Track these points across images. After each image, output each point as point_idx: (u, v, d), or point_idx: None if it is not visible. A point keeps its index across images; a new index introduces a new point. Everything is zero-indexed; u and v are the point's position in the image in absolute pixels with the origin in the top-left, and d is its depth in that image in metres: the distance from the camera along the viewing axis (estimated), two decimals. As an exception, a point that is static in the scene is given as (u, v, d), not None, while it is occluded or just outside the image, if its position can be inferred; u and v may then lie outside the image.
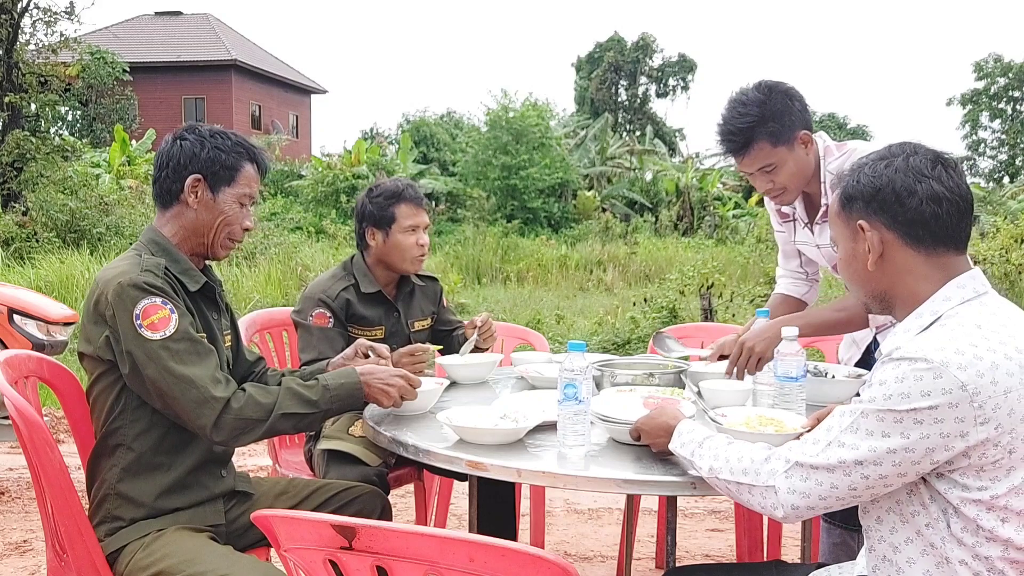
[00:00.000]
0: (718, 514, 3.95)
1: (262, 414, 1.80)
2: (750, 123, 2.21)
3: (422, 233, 2.70)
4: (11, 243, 11.95)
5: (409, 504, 3.62)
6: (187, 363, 1.76)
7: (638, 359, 2.70)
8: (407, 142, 23.14)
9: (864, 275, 1.46)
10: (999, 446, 1.27)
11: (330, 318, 2.59)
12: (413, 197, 2.69)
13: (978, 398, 1.25)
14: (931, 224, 1.39)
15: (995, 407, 1.26)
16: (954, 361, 1.26)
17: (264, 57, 31.41)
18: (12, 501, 4.04)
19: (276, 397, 1.83)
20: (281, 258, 11.94)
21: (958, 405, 1.25)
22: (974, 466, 1.29)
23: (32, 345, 4.54)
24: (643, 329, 7.82)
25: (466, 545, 1.13)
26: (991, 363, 1.27)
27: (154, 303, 1.77)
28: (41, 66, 15.01)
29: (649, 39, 39.74)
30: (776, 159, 2.25)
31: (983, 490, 1.29)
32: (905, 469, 1.30)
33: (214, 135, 1.93)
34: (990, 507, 1.29)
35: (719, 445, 1.52)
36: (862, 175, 1.44)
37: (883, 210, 1.41)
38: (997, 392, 1.26)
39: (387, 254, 2.68)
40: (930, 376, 1.26)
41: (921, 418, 1.27)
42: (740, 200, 23.80)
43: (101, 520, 1.84)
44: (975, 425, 1.26)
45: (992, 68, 37.94)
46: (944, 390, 1.25)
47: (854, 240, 1.46)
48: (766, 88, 2.24)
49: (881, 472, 1.31)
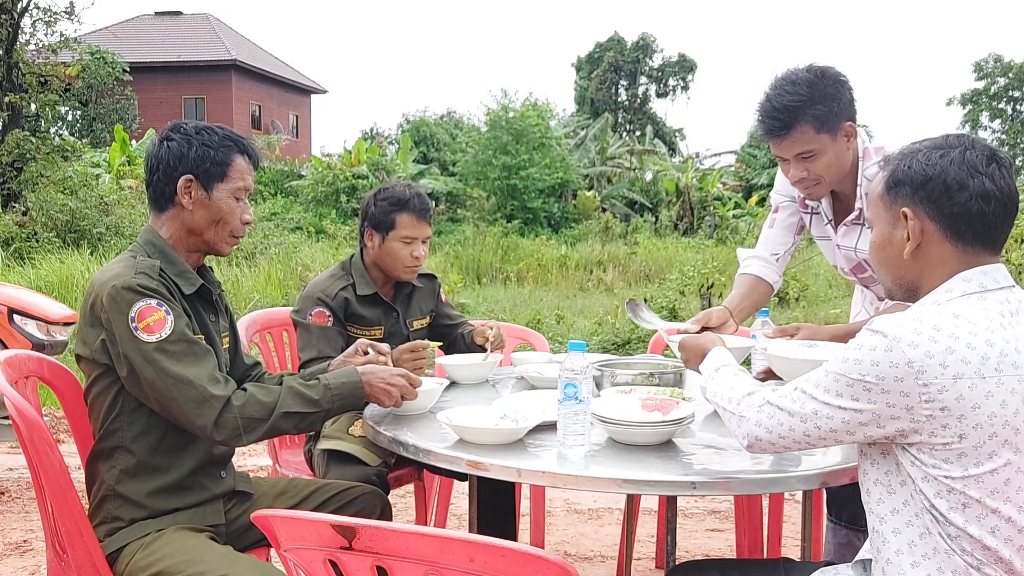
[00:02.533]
0: (718, 514, 3.95)
1: (264, 413, 1.80)
2: (797, 102, 2.10)
3: (419, 245, 2.66)
4: (11, 243, 11.95)
5: (409, 504, 3.63)
6: (184, 364, 1.75)
7: (638, 359, 2.69)
8: (407, 142, 23.13)
9: (896, 262, 1.46)
10: (948, 428, 1.30)
11: (329, 317, 2.58)
12: (417, 208, 2.64)
13: (923, 376, 1.30)
14: (976, 221, 1.38)
15: (941, 388, 1.29)
16: (906, 338, 1.31)
17: (264, 57, 31.40)
18: (12, 501, 4.04)
19: (278, 396, 1.83)
20: (281, 258, 11.94)
21: (903, 380, 1.31)
22: (927, 444, 1.33)
23: (32, 345, 4.54)
24: (643, 329, 7.81)
25: (466, 545, 1.13)
26: (946, 347, 1.30)
27: (149, 305, 1.76)
28: (41, 66, 15.01)
29: (649, 39, 39.71)
30: (817, 146, 2.15)
31: (937, 468, 1.33)
32: (853, 428, 1.38)
33: (200, 132, 1.91)
34: (950, 489, 1.33)
35: (726, 375, 1.65)
36: (915, 161, 1.42)
37: (930, 200, 1.39)
38: (945, 375, 1.29)
39: (381, 258, 2.67)
40: (882, 348, 1.32)
41: (869, 386, 1.34)
42: (740, 200, 23.80)
43: (101, 520, 1.84)
44: (920, 401, 1.31)
45: (992, 68, 37.92)
46: (891, 363, 1.31)
47: (893, 225, 1.45)
48: (818, 71, 2.14)
49: (831, 427, 1.40)
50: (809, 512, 2.29)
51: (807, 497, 2.29)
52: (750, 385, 1.59)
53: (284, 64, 32.60)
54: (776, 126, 2.14)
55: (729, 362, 1.71)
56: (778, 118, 2.13)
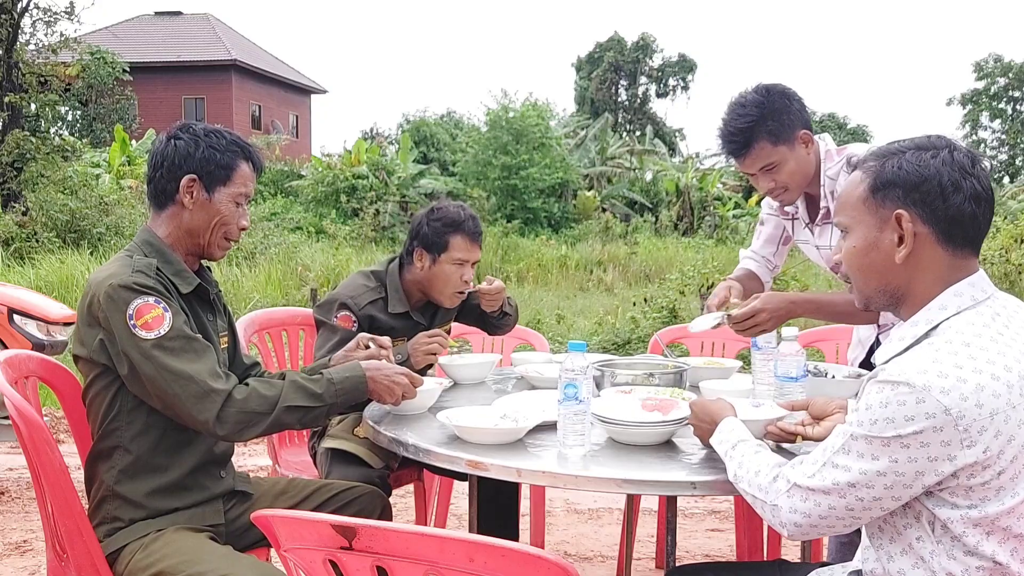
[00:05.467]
0: (718, 514, 3.95)
1: (266, 407, 1.79)
2: (750, 123, 2.25)
3: (469, 269, 2.62)
4: (11, 243, 11.95)
5: (409, 504, 3.62)
6: (184, 359, 1.75)
7: (638, 359, 2.70)
8: (407, 142, 23.11)
9: (883, 267, 1.38)
10: (988, 468, 1.26)
11: (355, 323, 2.52)
12: (471, 231, 2.60)
13: (963, 422, 1.23)
14: (968, 224, 1.34)
15: (980, 429, 1.23)
16: (936, 385, 1.24)
17: (264, 57, 31.40)
18: (12, 501, 4.04)
19: (280, 390, 1.82)
20: (281, 258, 11.95)
21: (942, 429, 1.23)
22: (963, 486, 1.27)
23: (32, 345, 4.54)
24: (643, 329, 7.80)
25: (466, 545, 1.13)
26: (976, 385, 1.24)
27: (147, 302, 1.75)
28: (41, 66, 15.01)
29: (649, 39, 39.73)
30: (777, 158, 2.29)
31: (972, 508, 1.28)
32: (898, 492, 1.29)
33: (208, 134, 1.91)
34: (977, 523, 1.28)
35: (746, 452, 1.52)
36: (904, 162, 1.35)
37: (924, 202, 1.33)
38: (983, 415, 1.23)
39: (429, 281, 2.61)
40: (912, 401, 1.24)
41: (907, 443, 1.25)
42: (740, 200, 23.79)
43: (101, 521, 1.84)
44: (962, 448, 1.24)
45: (992, 68, 37.93)
46: (928, 414, 1.24)
47: (880, 230, 1.37)
48: (763, 90, 2.29)
49: (875, 495, 1.30)
50: (809, 512, 2.28)
51: (807, 497, 2.28)
52: (773, 467, 1.45)
53: (284, 64, 32.59)
54: (735, 147, 2.29)
55: (745, 437, 1.56)
56: (735, 140, 2.28)
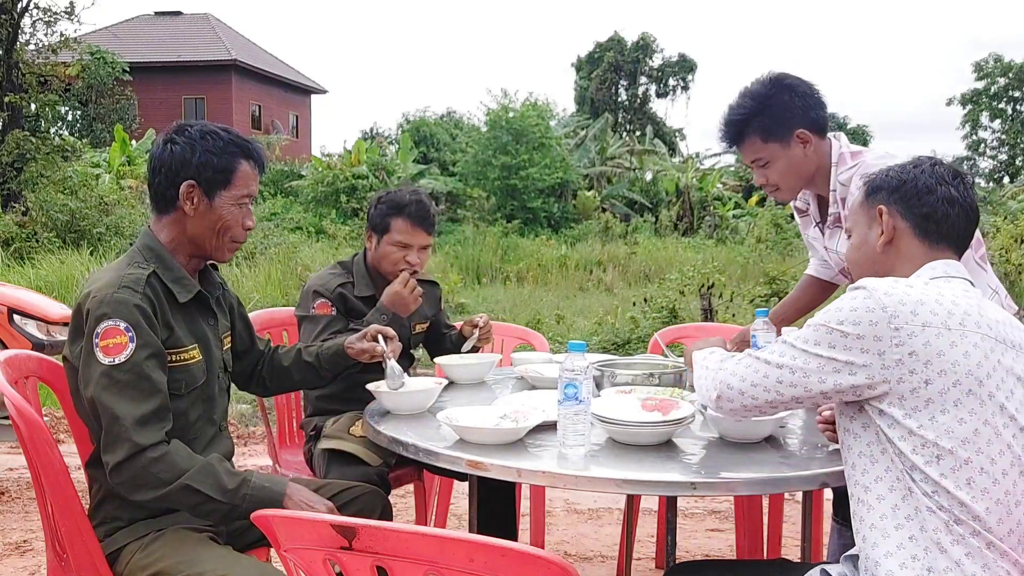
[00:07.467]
0: (718, 514, 3.95)
1: (168, 477, 1.69)
2: (743, 116, 2.23)
3: (414, 253, 2.63)
4: (11, 243, 11.94)
5: (409, 504, 3.62)
6: (123, 397, 1.70)
7: (638, 359, 2.70)
8: (407, 142, 23.13)
9: (871, 257, 1.64)
10: (915, 374, 1.41)
11: (332, 307, 2.58)
12: (414, 215, 2.61)
13: (895, 320, 1.42)
14: (941, 222, 1.58)
15: (910, 333, 1.41)
16: (882, 287, 1.46)
17: (264, 57, 31.40)
18: (12, 501, 4.04)
19: (194, 466, 1.71)
20: (281, 258, 11.92)
21: (877, 324, 1.42)
22: (895, 393, 1.42)
23: (32, 345, 4.55)
24: (643, 329, 7.80)
25: (466, 545, 1.13)
26: (917, 299, 1.43)
27: (116, 326, 1.71)
28: (41, 66, 15.00)
29: (649, 39, 39.70)
30: (766, 155, 2.25)
31: (908, 418, 1.41)
32: (825, 376, 1.47)
33: (205, 136, 1.86)
34: (923, 443, 1.40)
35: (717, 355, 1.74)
36: (891, 172, 1.64)
37: (903, 201, 1.60)
38: (915, 322, 1.41)
39: (377, 261, 2.68)
40: (861, 297, 1.46)
41: (846, 333, 1.45)
42: (740, 200, 23.80)
43: (100, 521, 1.84)
44: (891, 345, 1.41)
45: (992, 68, 37.93)
46: (868, 308, 1.44)
47: (869, 226, 1.64)
48: (770, 81, 2.24)
49: (805, 375, 1.49)
50: (809, 513, 2.29)
51: (807, 498, 2.29)
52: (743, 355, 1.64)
53: (284, 64, 32.60)
54: (726, 138, 2.31)
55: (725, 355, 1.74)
56: (727, 132, 2.29)
